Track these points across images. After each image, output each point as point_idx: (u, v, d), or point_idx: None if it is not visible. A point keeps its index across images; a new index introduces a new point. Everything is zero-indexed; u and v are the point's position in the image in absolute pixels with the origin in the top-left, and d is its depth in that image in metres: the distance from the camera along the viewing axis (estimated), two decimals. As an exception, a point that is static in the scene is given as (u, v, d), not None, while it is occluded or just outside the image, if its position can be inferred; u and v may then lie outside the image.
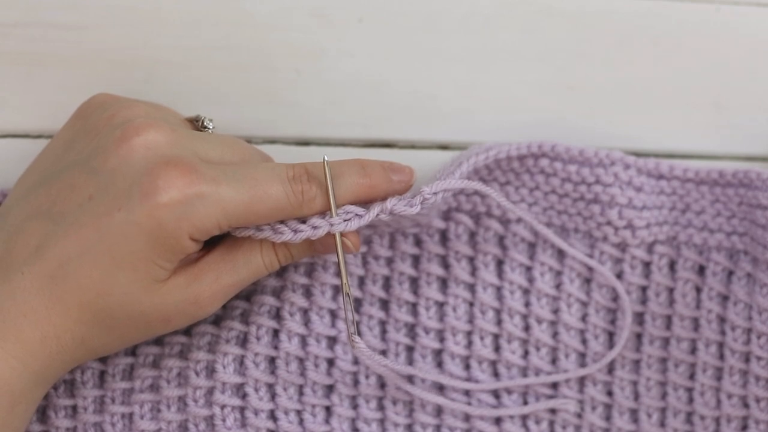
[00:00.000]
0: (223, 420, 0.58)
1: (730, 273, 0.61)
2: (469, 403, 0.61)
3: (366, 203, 0.54)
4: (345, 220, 0.52)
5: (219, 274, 0.53)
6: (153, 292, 0.51)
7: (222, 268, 0.53)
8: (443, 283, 0.61)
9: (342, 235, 0.53)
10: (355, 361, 0.60)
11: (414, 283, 0.61)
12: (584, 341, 0.61)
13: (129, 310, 0.51)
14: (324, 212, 0.52)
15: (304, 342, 0.59)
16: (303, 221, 0.52)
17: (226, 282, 0.53)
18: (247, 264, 0.53)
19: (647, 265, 0.61)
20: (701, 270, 0.61)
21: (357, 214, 0.53)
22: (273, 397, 0.58)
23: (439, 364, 0.61)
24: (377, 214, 0.53)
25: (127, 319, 0.51)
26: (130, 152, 0.50)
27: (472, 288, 0.61)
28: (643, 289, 0.62)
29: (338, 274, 0.60)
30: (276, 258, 0.54)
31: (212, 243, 0.53)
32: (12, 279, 0.50)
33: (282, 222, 0.52)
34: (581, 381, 0.62)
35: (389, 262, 0.61)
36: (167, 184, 0.49)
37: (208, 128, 0.56)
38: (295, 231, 0.52)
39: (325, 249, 0.54)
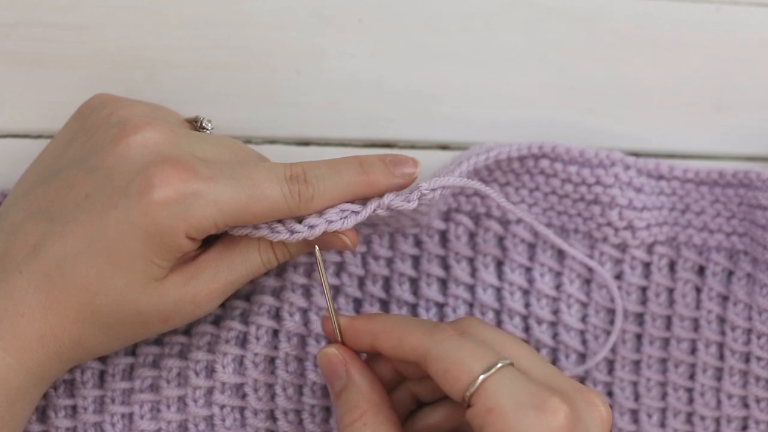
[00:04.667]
0: (223, 420, 0.58)
1: (730, 273, 0.61)
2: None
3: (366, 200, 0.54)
4: (341, 218, 0.52)
5: (216, 273, 0.53)
6: (150, 291, 0.51)
7: (219, 267, 0.53)
8: (443, 284, 0.61)
9: (340, 232, 0.52)
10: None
11: (414, 283, 0.61)
12: (584, 342, 0.61)
13: (126, 310, 0.51)
14: (321, 211, 0.52)
15: (303, 342, 0.59)
16: (300, 221, 0.52)
17: (223, 280, 0.53)
18: (245, 262, 0.53)
19: (647, 265, 0.61)
20: (701, 270, 0.61)
21: (353, 211, 0.52)
22: (272, 397, 0.58)
23: (439, 365, 0.61)
24: (374, 210, 0.52)
25: (125, 319, 0.51)
26: (127, 150, 0.50)
27: (471, 289, 0.61)
28: (643, 289, 0.62)
29: (336, 274, 0.60)
30: (274, 256, 0.54)
31: (209, 241, 0.53)
32: (10, 278, 0.50)
33: (279, 221, 0.52)
34: (581, 381, 0.61)
35: (389, 262, 0.61)
36: (163, 182, 0.48)
37: (207, 129, 0.56)
38: (292, 231, 0.52)
39: (324, 245, 0.54)
